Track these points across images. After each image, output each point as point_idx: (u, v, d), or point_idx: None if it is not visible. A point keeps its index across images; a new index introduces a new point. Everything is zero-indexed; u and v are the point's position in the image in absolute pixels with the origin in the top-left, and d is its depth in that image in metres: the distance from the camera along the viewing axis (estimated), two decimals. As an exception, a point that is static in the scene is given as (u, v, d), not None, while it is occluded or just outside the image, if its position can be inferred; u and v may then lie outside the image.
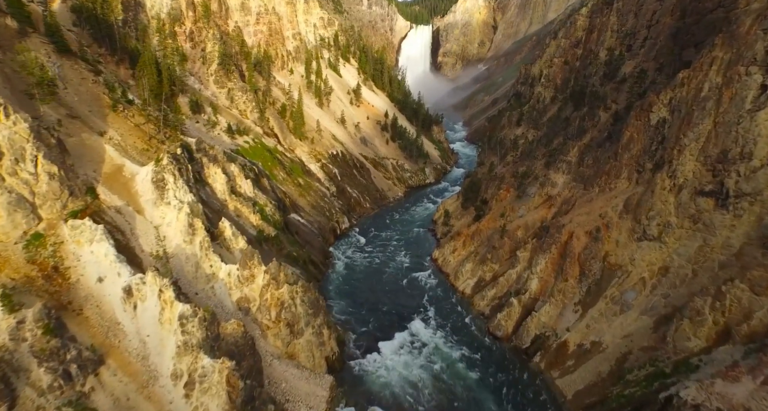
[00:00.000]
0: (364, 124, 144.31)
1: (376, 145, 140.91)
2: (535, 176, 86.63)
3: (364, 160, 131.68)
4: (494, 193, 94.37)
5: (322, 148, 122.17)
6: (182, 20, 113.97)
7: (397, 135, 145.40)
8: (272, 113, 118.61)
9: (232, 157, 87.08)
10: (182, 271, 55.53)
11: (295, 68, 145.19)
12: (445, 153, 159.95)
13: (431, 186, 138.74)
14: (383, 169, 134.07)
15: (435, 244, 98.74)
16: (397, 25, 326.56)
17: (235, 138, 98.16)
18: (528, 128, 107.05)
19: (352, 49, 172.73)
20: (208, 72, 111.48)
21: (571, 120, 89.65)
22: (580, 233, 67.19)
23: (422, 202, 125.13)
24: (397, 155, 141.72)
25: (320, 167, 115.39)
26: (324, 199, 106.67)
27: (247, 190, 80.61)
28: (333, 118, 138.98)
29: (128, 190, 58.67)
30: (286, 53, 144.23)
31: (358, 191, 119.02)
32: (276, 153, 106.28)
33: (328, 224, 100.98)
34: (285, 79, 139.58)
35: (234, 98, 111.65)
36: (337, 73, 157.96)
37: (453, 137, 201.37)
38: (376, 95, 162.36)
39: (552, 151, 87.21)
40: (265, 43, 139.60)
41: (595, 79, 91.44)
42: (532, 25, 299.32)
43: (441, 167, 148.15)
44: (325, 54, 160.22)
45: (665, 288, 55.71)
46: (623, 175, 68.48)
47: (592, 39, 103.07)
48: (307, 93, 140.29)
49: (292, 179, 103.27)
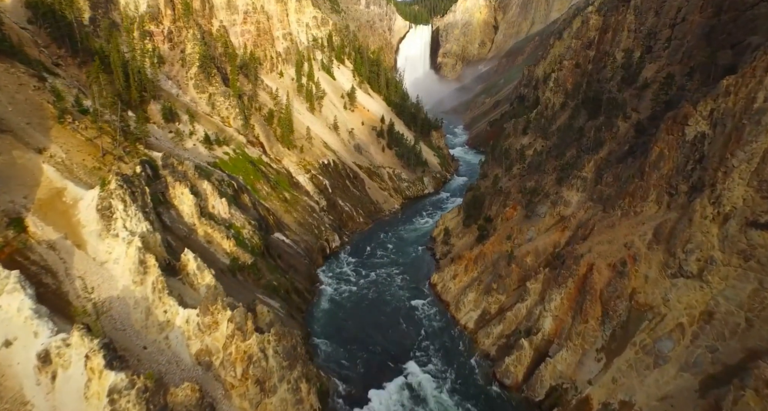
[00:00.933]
0: (359, 130, 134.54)
1: (371, 152, 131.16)
2: (546, 193, 76.87)
3: (358, 170, 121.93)
4: (499, 210, 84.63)
5: (312, 158, 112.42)
6: (160, 19, 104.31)
7: (394, 141, 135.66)
8: (258, 120, 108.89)
9: (207, 171, 77.40)
10: (129, 319, 45.82)
11: (286, 71, 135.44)
12: (445, 160, 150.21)
13: (430, 196, 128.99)
14: (378, 179, 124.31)
15: (434, 265, 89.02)
16: (395, 25, 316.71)
17: (213, 149, 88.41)
18: (536, 137, 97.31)
19: (347, 50, 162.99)
20: (188, 75, 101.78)
21: (585, 130, 79.87)
22: (602, 266, 57.46)
23: (420, 216, 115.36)
24: (393, 163, 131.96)
25: (309, 179, 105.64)
26: (312, 215, 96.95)
27: (221, 211, 70.89)
28: (325, 124, 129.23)
29: (68, 219, 48.99)
30: (276, 55, 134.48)
31: (350, 204, 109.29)
32: (260, 164, 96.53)
33: (316, 244, 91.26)
34: (274, 82, 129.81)
35: (215, 104, 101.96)
36: (331, 75, 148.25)
37: (453, 142, 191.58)
38: (372, 99, 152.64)
39: (564, 165, 77.42)
40: (253, 44, 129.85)
41: (612, 85, 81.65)
42: (534, 24, 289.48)
43: (440, 176, 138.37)
44: (318, 55, 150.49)
45: (710, 339, 45.97)
46: (651, 197, 58.69)
47: (606, 39, 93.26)
48: (297, 97, 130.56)
49: (277, 194, 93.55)
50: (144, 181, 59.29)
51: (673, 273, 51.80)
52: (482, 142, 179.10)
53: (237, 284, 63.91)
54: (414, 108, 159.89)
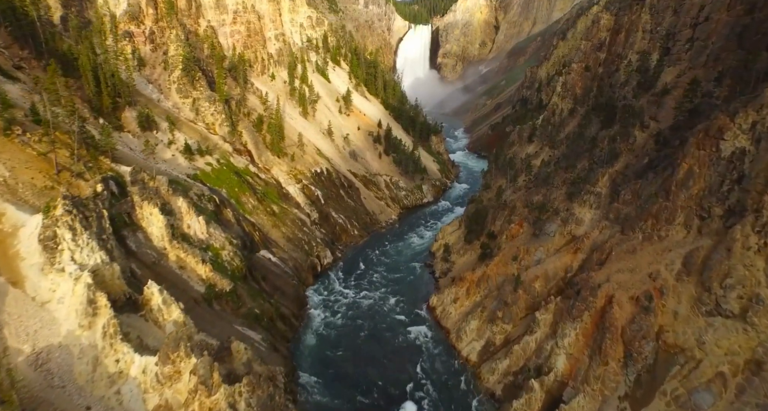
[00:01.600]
0: (355, 136, 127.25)
1: (368, 159, 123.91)
2: (555, 210, 69.62)
3: (353, 178, 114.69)
4: (504, 226, 77.40)
5: (304, 166, 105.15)
6: (141, 18, 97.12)
7: (392, 147, 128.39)
8: (246, 126, 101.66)
9: (184, 186, 70.20)
10: (71, 372, 38.67)
11: (278, 73, 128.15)
12: (445, 166, 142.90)
13: (429, 206, 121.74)
14: (375, 187, 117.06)
15: (433, 285, 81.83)
16: (394, 25, 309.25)
17: (194, 160, 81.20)
18: (542, 146, 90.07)
19: (343, 51, 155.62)
20: (170, 79, 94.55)
21: (598, 140, 72.56)
22: (623, 298, 50.26)
23: (419, 227, 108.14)
24: (391, 171, 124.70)
25: (300, 189, 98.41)
26: (303, 229, 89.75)
27: (198, 231, 63.69)
28: (319, 130, 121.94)
29: (4, 250, 41.84)
30: (267, 56, 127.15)
31: (344, 216, 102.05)
32: (246, 175, 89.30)
33: (306, 261, 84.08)
34: (265, 85, 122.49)
35: (200, 110, 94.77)
36: (326, 78, 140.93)
37: (453, 146, 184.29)
38: (369, 102, 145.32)
39: (575, 179, 70.17)
40: (243, 45, 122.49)
41: (627, 90, 74.31)
42: (536, 24, 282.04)
43: (440, 183, 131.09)
44: (313, 57, 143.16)
45: (761, 395, 38.80)
46: (678, 220, 51.48)
47: (619, 40, 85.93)
48: (289, 101, 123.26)
49: (265, 207, 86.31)
50: (105, 202, 52.14)
51: (709, 310, 44.64)
52: (483, 147, 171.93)
53: (213, 315, 56.79)
54: (413, 111, 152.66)
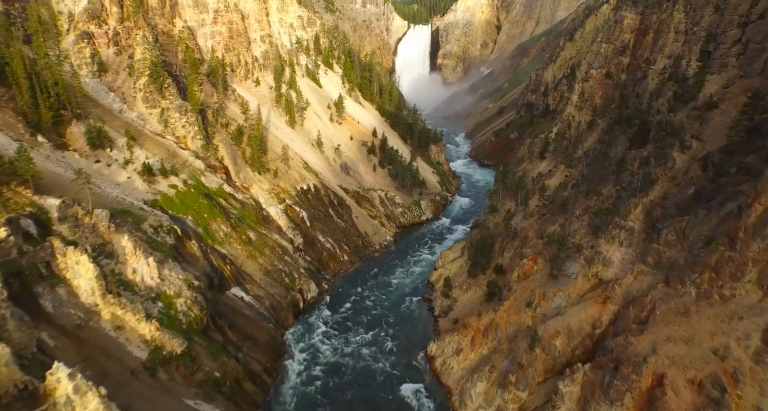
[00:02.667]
0: (347, 147, 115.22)
1: (361, 172, 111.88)
2: (577, 246, 57.61)
3: (344, 195, 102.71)
4: (515, 262, 65.42)
5: (288, 183, 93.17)
6: (104, 17, 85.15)
7: (387, 159, 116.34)
8: (223, 139, 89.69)
9: (137, 217, 58.35)
10: None
11: (263, 78, 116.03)
12: (446, 177, 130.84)
13: (428, 224, 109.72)
14: (368, 204, 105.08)
15: (432, 326, 69.97)
16: (393, 25, 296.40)
17: (155, 182, 69.27)
18: (557, 163, 78.01)
19: (337, 53, 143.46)
20: (136, 87, 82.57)
21: (626, 161, 60.47)
22: (679, 381, 38.33)
23: (416, 251, 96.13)
24: (386, 185, 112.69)
25: (283, 210, 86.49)
26: (284, 259, 77.84)
27: (146, 276, 51.80)
28: (307, 141, 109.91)
29: None
30: (252, 60, 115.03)
31: (333, 239, 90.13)
32: (220, 196, 77.36)
33: (286, 297, 72.24)
34: (248, 91, 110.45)
35: (169, 121, 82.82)
36: (317, 82, 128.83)
37: (454, 153, 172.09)
38: (363, 108, 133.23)
39: (600, 210, 58.18)
40: (224, 47, 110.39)
41: (661, 102, 62.11)
42: (540, 24, 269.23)
43: (440, 198, 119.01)
44: (303, 60, 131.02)
45: None
46: (750, 276, 39.54)
47: (645, 43, 73.86)
48: (275, 109, 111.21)
49: (239, 234, 74.40)
50: (11, 250, 40.24)
51: (803, 411, 32.77)
52: (486, 155, 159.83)
53: (156, 389, 44.95)
54: (411, 118, 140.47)
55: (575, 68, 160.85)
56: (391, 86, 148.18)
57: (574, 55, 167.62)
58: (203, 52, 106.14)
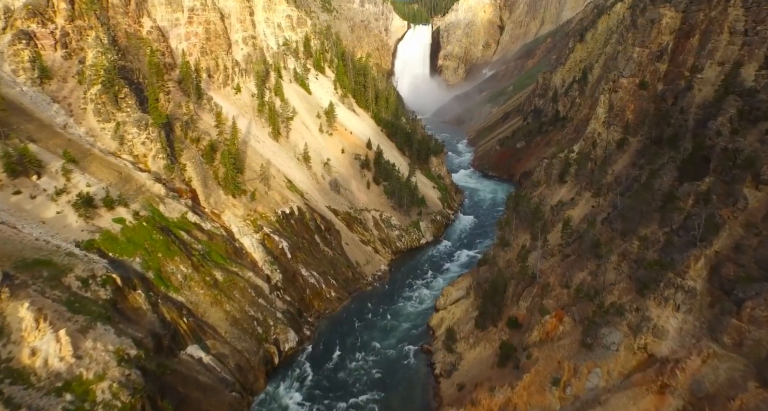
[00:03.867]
0: (338, 161, 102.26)
1: (353, 190, 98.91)
2: (617, 307, 44.71)
3: (333, 217, 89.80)
4: (534, 318, 52.53)
5: (268, 207, 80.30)
6: (49, 15, 72.19)
7: (383, 174, 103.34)
8: (192, 156, 76.82)
9: (58, 268, 45.63)
10: None
11: (245, 84, 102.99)
12: (447, 193, 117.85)
13: (428, 248, 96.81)
14: (361, 227, 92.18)
15: (432, 390, 57.11)
16: (392, 25, 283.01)
17: (96, 216, 56.39)
18: (580, 190, 64.93)
19: (329, 55, 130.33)
20: (86, 97, 69.66)
21: (679, 197, 47.45)
22: None
23: (415, 283, 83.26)
24: (381, 204, 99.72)
25: (260, 241, 73.65)
26: (257, 302, 65.04)
27: (51, 358, 38.99)
28: (292, 155, 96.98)
29: None
30: (232, 64, 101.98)
31: (318, 273, 77.30)
32: (181, 228, 64.47)
33: (257, 353, 59.53)
34: (227, 100, 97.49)
35: (126, 138, 70.00)
36: (306, 88, 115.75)
37: (456, 162, 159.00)
38: (357, 117, 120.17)
39: (646, 261, 45.29)
40: (201, 50, 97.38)
41: (721, 122, 49.01)
42: (544, 25, 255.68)
43: (442, 217, 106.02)
44: (291, 63, 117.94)
45: None
46: None
47: (690, 46, 60.74)
48: (257, 119, 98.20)
49: (203, 275, 61.56)
50: None
51: None
52: (491, 165, 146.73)
53: None
54: (410, 126, 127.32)
55: (587, 72, 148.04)
56: (389, 91, 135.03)
57: (585, 58, 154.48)
58: (176, 56, 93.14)
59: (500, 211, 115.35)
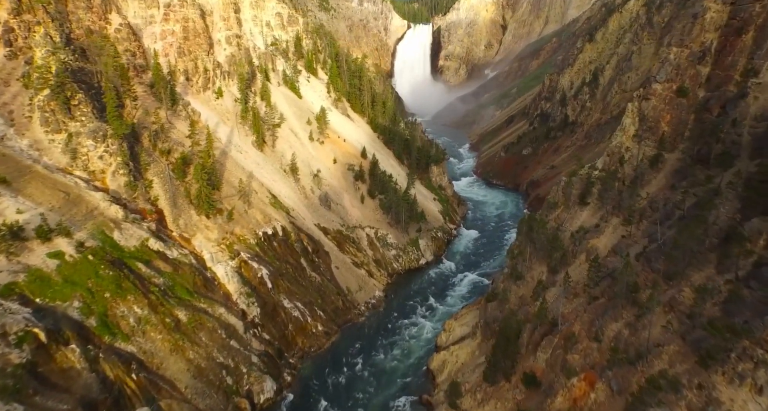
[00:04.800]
0: (329, 172, 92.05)
1: (345, 205, 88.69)
2: (671, 381, 34.43)
3: (322, 237, 79.63)
4: (557, 379, 42.30)
5: (247, 228, 70.12)
6: (-8, 11, 62.04)
7: (378, 186, 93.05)
8: (161, 171, 66.67)
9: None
10: None
11: (227, 88, 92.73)
12: (449, 205, 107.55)
13: (428, 269, 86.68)
14: (353, 247, 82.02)
15: (433, 460, 46.99)
16: (392, 25, 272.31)
17: (24, 250, 46.18)
18: (605, 214, 54.59)
19: (322, 56, 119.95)
20: (33, 103, 59.51)
21: (746, 236, 37.10)
22: None
23: (413, 313, 73.14)
24: (376, 220, 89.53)
25: (235, 268, 63.49)
26: (228, 345, 54.92)
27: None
28: (278, 167, 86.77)
29: None
30: (214, 66, 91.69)
31: (304, 303, 67.18)
32: (140, 260, 54.29)
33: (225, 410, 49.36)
34: (206, 105, 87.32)
35: (79, 151, 59.99)
36: (296, 92, 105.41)
37: (457, 169, 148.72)
38: (352, 122, 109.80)
39: (710, 324, 35.03)
40: (178, 51, 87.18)
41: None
42: (549, 24, 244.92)
43: (443, 233, 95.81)
44: (280, 65, 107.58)
45: None
46: None
47: (741, 45, 50.28)
48: (240, 127, 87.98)
49: (162, 316, 51.40)
50: None
51: None
52: (496, 173, 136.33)
53: None
54: (409, 132, 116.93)
55: (598, 74, 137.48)
56: (386, 95, 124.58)
57: (595, 58, 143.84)
58: (150, 57, 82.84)
59: (506, 226, 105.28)
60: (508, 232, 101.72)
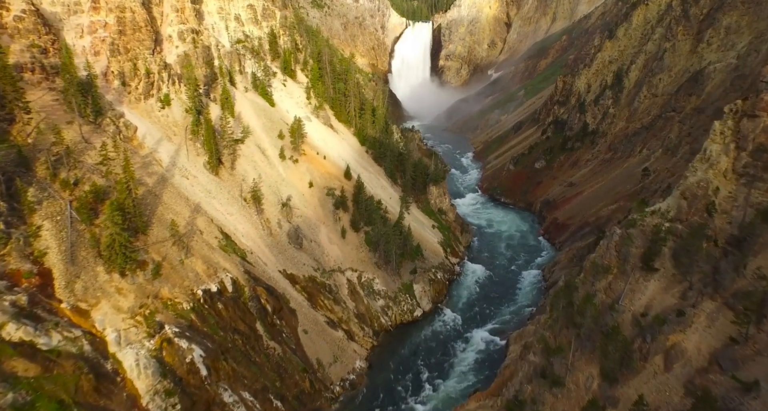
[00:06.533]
0: (303, 199, 72.71)
1: (322, 241, 69.36)
2: None
3: (288, 287, 60.36)
4: None
5: (181, 287, 50.76)
6: None
7: (364, 216, 73.73)
8: (56, 213, 47.38)
9: None
10: None
11: (178, 95, 73.23)
12: (451, 233, 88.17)
13: (426, 322, 67.46)
14: (329, 300, 62.70)
15: None
16: (390, 23, 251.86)
17: None
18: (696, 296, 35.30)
19: (303, 55, 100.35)
20: None
21: None
22: None
23: (405, 395, 53.84)
24: (360, 260, 70.18)
25: (154, 353, 44.20)
26: None
27: None
28: (237, 194, 67.40)
29: None
30: (160, 67, 72.13)
31: (254, 391, 48.07)
32: (-13, 360, 35.07)
33: None
34: (148, 117, 67.97)
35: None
36: (268, 99, 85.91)
37: (460, 183, 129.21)
38: (335, 135, 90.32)
39: None
40: (111, 48, 67.80)
41: None
42: (557, 21, 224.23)
43: (444, 272, 76.49)
44: (250, 66, 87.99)
45: None
46: None
47: None
48: (192, 144, 68.69)
49: (8, 458, 32.18)
50: None
51: None
52: (504, 189, 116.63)
53: None
54: (404, 145, 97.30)
55: (622, 75, 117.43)
56: (378, 100, 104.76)
57: (617, 57, 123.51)
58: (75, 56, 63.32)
59: (519, 259, 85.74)
60: (521, 267, 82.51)
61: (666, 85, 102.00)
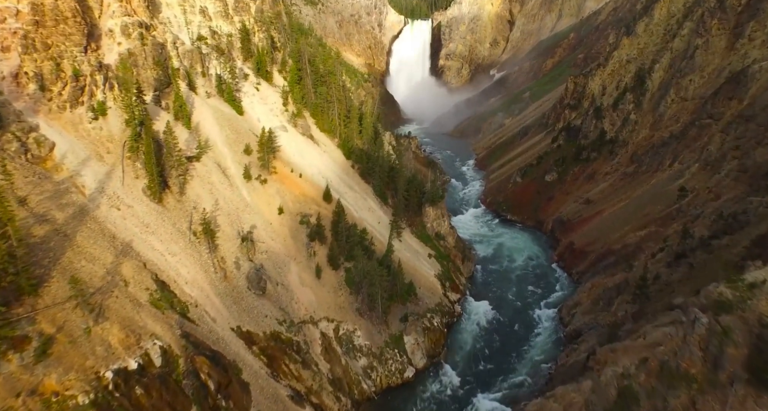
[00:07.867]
0: (270, 230, 58.37)
1: (291, 283, 55.02)
2: None
3: (242, 351, 46.06)
4: None
5: (80, 369, 36.43)
6: None
7: (345, 249, 59.39)
8: None
9: None
10: None
11: (115, 103, 58.77)
12: (450, 262, 73.74)
13: (418, 385, 53.20)
14: (295, 363, 48.40)
15: None
16: (387, 21, 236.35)
17: None
18: None
19: (281, 55, 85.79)
20: None
21: None
22: None
23: None
24: (339, 306, 55.83)
25: (20, 482, 29.94)
26: None
27: None
28: (185, 227, 53.04)
29: None
30: (93, 69, 57.67)
31: None
32: None
33: None
34: (72, 131, 53.66)
35: None
36: (236, 106, 71.50)
37: (461, 196, 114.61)
38: (315, 147, 75.91)
39: None
40: (26, 43, 53.40)
41: None
42: (563, 18, 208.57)
43: (441, 316, 62.07)
44: (215, 68, 73.50)
45: None
46: None
47: None
48: (130, 164, 54.36)
49: None
50: None
51: None
52: (510, 205, 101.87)
53: None
54: (396, 157, 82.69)
55: (644, 77, 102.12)
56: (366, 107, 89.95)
57: (636, 56, 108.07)
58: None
59: (531, 294, 71.30)
60: (533, 304, 68.15)
61: (698, 87, 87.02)
